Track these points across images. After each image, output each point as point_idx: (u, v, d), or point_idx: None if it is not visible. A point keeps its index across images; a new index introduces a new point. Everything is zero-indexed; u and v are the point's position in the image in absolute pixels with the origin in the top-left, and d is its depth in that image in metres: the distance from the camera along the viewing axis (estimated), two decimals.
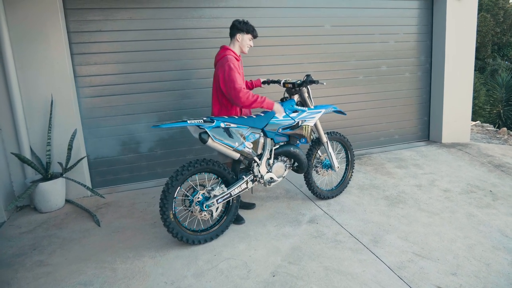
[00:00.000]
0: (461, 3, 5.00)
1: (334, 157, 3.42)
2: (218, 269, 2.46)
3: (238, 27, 3.00)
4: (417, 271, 2.39)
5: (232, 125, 2.78)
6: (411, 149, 5.16)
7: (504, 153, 4.88)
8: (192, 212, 2.74)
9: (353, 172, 3.71)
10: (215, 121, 2.69)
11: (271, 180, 3.04)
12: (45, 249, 2.82)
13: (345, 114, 3.62)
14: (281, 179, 3.13)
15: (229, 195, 2.81)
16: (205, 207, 2.70)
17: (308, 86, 3.18)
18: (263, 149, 2.99)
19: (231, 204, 2.91)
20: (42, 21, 3.49)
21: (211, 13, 4.16)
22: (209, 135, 2.64)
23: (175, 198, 2.65)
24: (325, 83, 3.35)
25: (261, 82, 3.40)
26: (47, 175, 3.55)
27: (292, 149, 3.10)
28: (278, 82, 3.29)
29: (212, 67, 4.08)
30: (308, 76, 3.14)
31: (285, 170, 3.15)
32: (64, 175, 3.60)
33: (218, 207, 2.78)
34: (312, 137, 3.26)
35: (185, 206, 2.78)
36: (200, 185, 2.79)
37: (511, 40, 18.51)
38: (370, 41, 4.97)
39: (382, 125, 5.29)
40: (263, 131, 2.98)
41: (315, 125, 3.31)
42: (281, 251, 2.66)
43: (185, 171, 2.63)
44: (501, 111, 9.30)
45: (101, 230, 3.11)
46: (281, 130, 3.04)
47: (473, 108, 7.60)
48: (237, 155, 2.83)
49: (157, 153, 4.24)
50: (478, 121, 7.91)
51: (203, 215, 2.73)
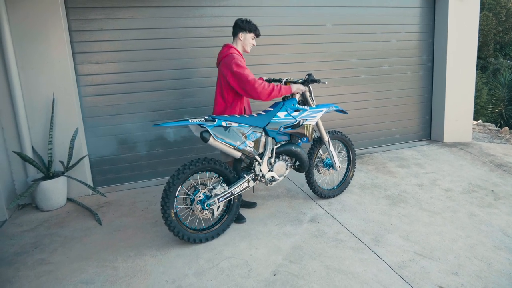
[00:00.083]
0: (463, 2, 4.98)
1: (335, 156, 3.42)
2: (219, 268, 2.46)
3: (240, 26, 3.00)
4: (418, 271, 2.38)
5: (233, 124, 2.77)
6: (412, 148, 5.15)
7: (506, 152, 4.87)
8: (193, 211, 2.74)
9: (354, 171, 3.71)
10: (217, 120, 2.69)
11: (273, 179, 3.04)
12: (46, 247, 2.83)
13: (347, 113, 3.60)
14: (282, 178, 3.13)
15: (230, 194, 2.81)
16: (206, 206, 2.70)
17: (309, 85, 3.18)
18: (265, 148, 2.99)
19: (232, 203, 2.91)
20: (43, 20, 3.49)
21: (212, 12, 4.16)
22: (210, 134, 2.64)
23: (177, 196, 2.65)
24: (326, 82, 3.35)
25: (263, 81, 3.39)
26: (49, 174, 3.56)
27: (293, 148, 3.10)
28: (279, 81, 3.28)
29: (213, 66, 4.09)
30: (309, 75, 3.13)
31: (287, 169, 3.15)
32: (65, 174, 3.61)
33: (219, 206, 2.78)
34: (313, 136, 3.26)
35: (187, 205, 2.78)
36: (201, 184, 2.79)
37: None
38: (372, 40, 4.96)
39: (383, 124, 5.28)
40: (264, 130, 2.97)
41: (317, 124, 3.31)
42: (282, 250, 2.66)
43: (187, 170, 2.63)
44: (503, 111, 9.28)
45: (103, 228, 3.12)
46: (282, 129, 3.03)
47: (475, 107, 7.59)
48: (238, 154, 2.83)
49: (158, 152, 4.24)
50: (480, 121, 7.90)
51: (204, 214, 2.73)
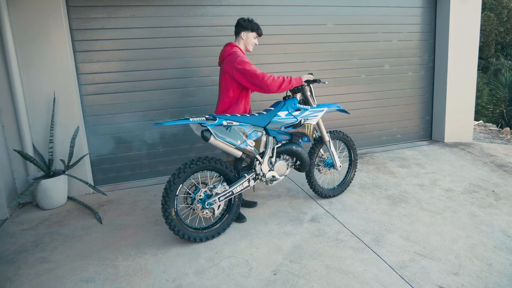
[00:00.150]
0: (465, 2, 4.97)
1: (336, 156, 3.42)
2: (219, 267, 2.46)
3: (243, 25, 3.00)
4: (418, 271, 2.38)
5: (234, 123, 2.77)
6: (413, 148, 5.15)
7: (507, 153, 4.86)
8: (194, 210, 2.74)
9: (355, 171, 3.70)
10: (217, 119, 2.69)
11: (273, 178, 3.04)
12: (47, 246, 2.83)
13: (349, 113, 3.61)
14: (283, 178, 3.13)
15: (231, 193, 2.81)
16: (207, 205, 2.70)
17: (310, 84, 3.18)
18: (265, 147, 2.99)
19: (233, 202, 2.91)
20: (44, 18, 3.49)
21: (214, 11, 4.16)
22: (211, 133, 2.64)
23: (177, 195, 2.65)
24: (326, 82, 3.35)
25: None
26: (50, 172, 3.56)
27: (294, 147, 3.10)
28: None
29: (214, 65, 4.09)
30: (310, 74, 3.14)
31: (287, 168, 3.15)
32: (66, 172, 3.61)
33: (220, 205, 2.78)
34: (314, 135, 3.26)
35: (187, 203, 2.78)
36: (202, 183, 2.79)
37: None
38: (373, 39, 4.95)
39: (384, 124, 5.28)
40: (265, 129, 2.97)
41: (318, 123, 3.30)
42: (283, 249, 2.66)
43: (187, 169, 2.63)
44: (504, 111, 9.27)
45: (103, 227, 3.12)
46: (283, 128, 3.03)
47: (476, 107, 7.59)
48: (239, 153, 2.83)
49: (159, 151, 4.24)
50: (481, 121, 7.89)
51: (204, 213, 2.73)
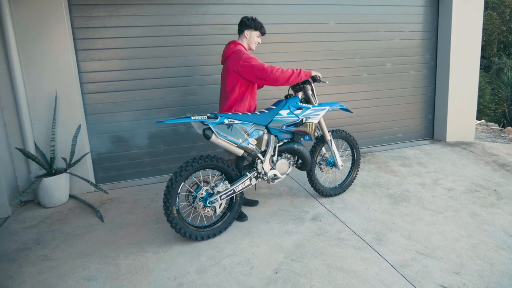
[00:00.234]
0: (467, 1, 4.95)
1: (337, 155, 3.41)
2: (221, 266, 2.47)
3: (246, 24, 3.00)
4: (420, 270, 2.38)
5: (236, 122, 2.77)
6: (415, 147, 5.14)
7: (509, 152, 4.85)
8: (195, 208, 2.74)
9: (358, 171, 3.69)
10: (219, 117, 2.69)
11: (275, 177, 3.04)
12: (49, 244, 2.84)
13: (352, 112, 3.60)
14: (284, 176, 3.13)
15: (232, 191, 2.81)
16: (209, 203, 2.70)
17: (312, 83, 3.17)
18: (267, 146, 2.99)
19: (234, 200, 2.91)
20: (46, 16, 3.49)
21: (216, 10, 4.15)
22: (212, 131, 2.64)
23: (179, 193, 2.66)
24: (327, 82, 3.34)
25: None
26: (51, 171, 3.57)
27: (296, 146, 3.10)
28: None
29: (216, 64, 4.09)
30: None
31: (289, 167, 3.15)
32: (68, 171, 3.62)
33: (221, 204, 2.79)
34: (316, 134, 3.25)
35: (189, 202, 2.78)
36: (203, 182, 2.79)
37: None
38: (374, 38, 4.94)
39: (386, 123, 5.27)
40: (267, 128, 2.97)
41: (319, 122, 3.29)
42: (284, 248, 2.66)
43: (189, 167, 2.63)
44: (506, 110, 9.25)
45: (105, 225, 3.12)
46: (285, 127, 3.03)
47: (478, 107, 7.56)
48: (240, 152, 2.83)
49: (160, 150, 4.24)
50: (483, 120, 7.86)
51: (206, 211, 2.73)
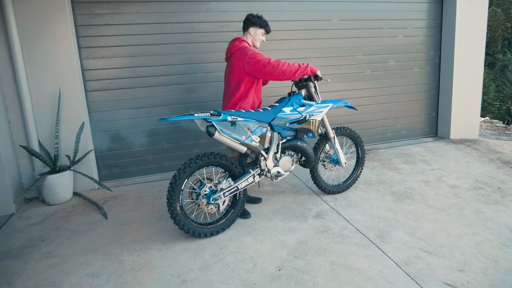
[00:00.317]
0: None
1: (341, 152, 3.40)
2: (224, 263, 2.47)
3: (251, 21, 3.00)
4: (424, 267, 2.37)
5: (239, 119, 2.77)
6: (418, 145, 5.12)
7: None
8: (198, 205, 2.75)
9: (362, 169, 3.67)
10: (222, 114, 2.69)
11: (278, 174, 3.04)
12: (53, 240, 2.85)
13: (357, 109, 3.60)
14: (288, 174, 3.12)
15: (236, 188, 2.81)
16: (212, 200, 2.71)
17: (315, 81, 3.16)
18: (270, 143, 2.98)
19: (238, 198, 2.91)
20: (49, 14, 3.49)
21: (218, 7, 4.14)
22: (216, 129, 2.64)
23: (182, 190, 2.66)
24: (329, 80, 3.33)
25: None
26: (55, 168, 3.58)
27: (299, 143, 3.09)
28: None
29: (218, 61, 4.09)
30: None
31: (292, 164, 3.15)
32: (71, 168, 3.63)
33: (224, 201, 2.79)
34: (320, 131, 3.25)
35: (192, 199, 2.79)
36: (207, 179, 2.79)
37: None
38: (378, 35, 4.91)
39: (389, 121, 5.25)
40: (270, 125, 2.96)
41: (322, 120, 3.29)
42: (287, 245, 2.66)
43: (193, 164, 2.63)
44: (511, 107, 9.20)
45: (108, 222, 3.14)
46: (288, 124, 3.02)
47: (482, 104, 7.52)
48: (244, 149, 2.82)
49: (164, 147, 4.25)
50: (487, 117, 7.82)
51: (209, 208, 2.74)
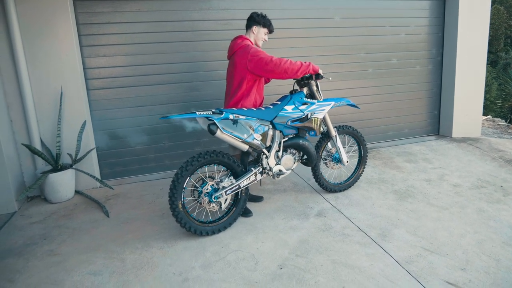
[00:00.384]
0: None
1: (343, 151, 3.40)
2: (225, 261, 2.47)
3: (255, 20, 3.00)
4: (425, 266, 2.37)
5: (241, 117, 2.77)
6: (420, 143, 5.11)
7: None
8: (200, 203, 2.75)
9: (364, 167, 3.66)
10: (224, 112, 2.69)
11: (280, 172, 3.03)
12: (55, 239, 2.86)
13: (359, 108, 3.59)
14: (290, 172, 3.12)
15: (237, 186, 2.81)
16: (214, 199, 2.71)
17: (316, 79, 3.16)
18: (272, 141, 2.98)
19: (239, 196, 2.92)
20: (51, 12, 3.49)
21: (219, 5, 4.13)
22: (217, 127, 2.64)
23: (185, 188, 2.67)
24: (330, 78, 3.32)
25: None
26: (57, 166, 3.59)
27: (301, 141, 3.09)
28: None
29: (220, 59, 4.08)
30: None
31: (294, 162, 3.14)
32: (73, 166, 3.64)
33: (226, 199, 2.79)
34: (322, 129, 3.25)
35: (194, 197, 2.80)
36: (209, 177, 2.79)
37: None
38: (380, 33, 4.90)
39: (391, 119, 5.23)
40: (272, 123, 2.96)
41: (324, 118, 3.28)
42: (289, 244, 2.66)
43: (195, 162, 2.64)
44: None
45: (110, 221, 3.14)
46: (290, 122, 3.02)
47: (484, 102, 7.49)
48: (245, 147, 2.82)
49: (165, 145, 4.25)
50: (489, 116, 7.79)
51: (211, 206, 2.74)
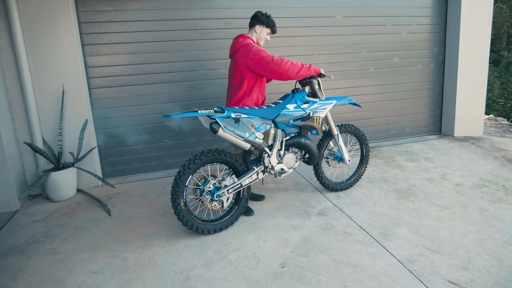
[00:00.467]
0: None
1: (345, 150, 3.39)
2: (227, 260, 2.47)
3: (259, 19, 3.00)
4: (427, 265, 2.37)
5: (243, 116, 2.77)
6: (422, 142, 5.10)
7: None
8: (202, 201, 2.76)
9: (366, 166, 3.65)
10: (226, 111, 2.69)
11: (282, 171, 3.03)
12: (57, 237, 2.86)
13: (361, 106, 3.58)
14: (292, 170, 3.12)
15: (239, 185, 2.81)
16: (216, 197, 2.71)
17: (318, 78, 3.16)
18: (274, 140, 2.98)
19: (241, 195, 2.92)
20: (53, 11, 3.49)
21: (221, 3, 4.13)
22: (219, 125, 2.64)
23: (187, 186, 2.67)
24: (332, 77, 3.32)
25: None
26: (59, 165, 3.60)
27: (303, 140, 3.09)
28: None
29: (222, 58, 4.08)
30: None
31: (296, 161, 3.14)
32: (75, 165, 3.64)
33: (228, 198, 2.79)
34: (324, 128, 3.24)
35: (196, 195, 2.80)
36: (211, 176, 2.80)
37: None
38: (382, 32, 4.89)
39: (393, 118, 5.22)
40: (274, 122, 2.96)
41: (326, 117, 3.28)
42: (290, 242, 2.66)
43: (197, 160, 2.64)
44: None
45: (112, 219, 3.15)
46: (292, 121, 3.02)
47: (486, 101, 7.46)
48: (247, 146, 2.82)
49: (167, 144, 4.25)
50: (491, 115, 7.76)
51: (213, 205, 2.74)
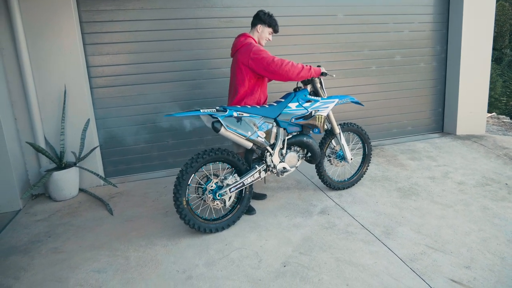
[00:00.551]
0: None
1: (347, 149, 3.39)
2: (229, 259, 2.48)
3: (261, 18, 2.99)
4: (429, 264, 2.36)
5: (244, 115, 2.77)
6: (424, 140, 5.08)
7: None
8: (204, 200, 2.76)
9: (368, 165, 3.65)
10: (228, 110, 2.69)
11: (284, 170, 3.03)
12: (59, 236, 2.87)
13: (363, 105, 3.58)
14: (294, 169, 3.12)
15: (241, 184, 2.81)
16: (218, 196, 2.71)
17: (320, 77, 3.15)
18: (276, 139, 2.98)
19: (243, 194, 2.92)
20: (54, 10, 3.50)
21: (223, 3, 4.12)
22: (221, 124, 2.64)
23: (189, 185, 2.67)
24: (334, 76, 3.31)
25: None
26: (61, 164, 3.60)
27: (305, 139, 3.08)
28: None
29: (223, 57, 4.08)
30: (319, 67, 3.10)
31: (298, 160, 3.14)
32: (77, 165, 3.65)
33: (230, 197, 2.80)
34: (326, 127, 3.24)
35: (198, 194, 2.80)
36: (213, 175, 2.80)
37: None
38: (383, 30, 4.87)
39: (394, 116, 5.21)
40: (276, 120, 2.96)
41: (328, 116, 3.27)
42: (292, 241, 2.66)
43: (200, 159, 2.64)
44: None
45: (114, 218, 3.15)
46: (294, 120, 3.01)
47: (489, 99, 7.43)
48: (249, 144, 2.82)
49: (169, 143, 4.25)
50: (494, 113, 7.74)
51: (215, 204, 2.75)
